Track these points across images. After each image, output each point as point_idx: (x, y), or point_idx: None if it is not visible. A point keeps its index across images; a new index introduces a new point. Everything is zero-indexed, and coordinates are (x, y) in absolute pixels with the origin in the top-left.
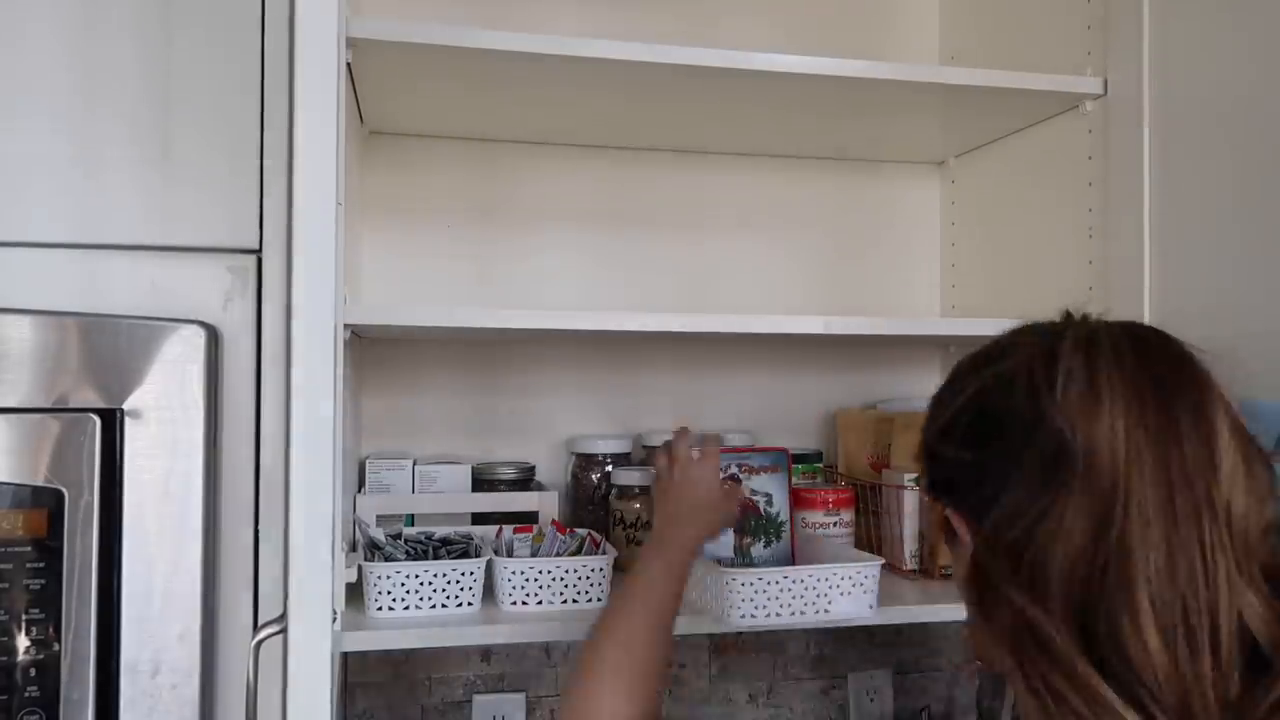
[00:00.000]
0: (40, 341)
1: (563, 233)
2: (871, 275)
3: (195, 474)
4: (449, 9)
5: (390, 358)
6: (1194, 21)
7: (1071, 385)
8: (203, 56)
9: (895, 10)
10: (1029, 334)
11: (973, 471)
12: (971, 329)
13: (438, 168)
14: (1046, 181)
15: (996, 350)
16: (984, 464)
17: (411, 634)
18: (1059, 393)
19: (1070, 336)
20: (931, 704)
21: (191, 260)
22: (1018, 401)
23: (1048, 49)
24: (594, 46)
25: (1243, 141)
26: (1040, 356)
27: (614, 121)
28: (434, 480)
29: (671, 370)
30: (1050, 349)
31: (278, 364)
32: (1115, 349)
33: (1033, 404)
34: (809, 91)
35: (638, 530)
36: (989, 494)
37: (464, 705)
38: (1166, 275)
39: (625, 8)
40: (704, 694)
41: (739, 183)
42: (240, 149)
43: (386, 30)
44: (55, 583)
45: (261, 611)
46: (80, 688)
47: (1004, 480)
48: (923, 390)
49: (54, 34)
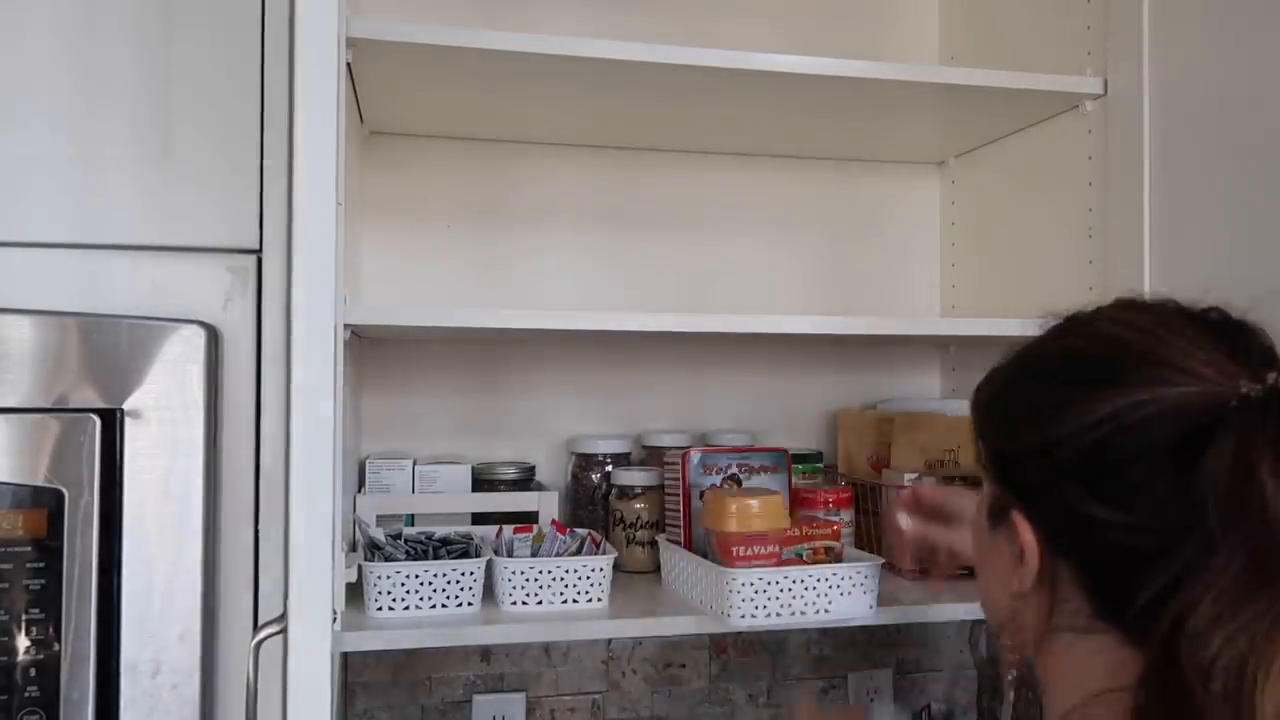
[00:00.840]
0: (40, 341)
1: (563, 233)
2: (871, 275)
3: (195, 474)
4: (449, 9)
5: (390, 358)
6: (1194, 21)
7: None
8: (203, 56)
9: (895, 10)
10: (1188, 347)
11: (1105, 531)
12: (971, 329)
13: (438, 168)
14: (1046, 181)
15: (1125, 363)
16: (1138, 528)
17: (411, 634)
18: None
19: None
20: (932, 704)
21: (191, 260)
22: (1218, 469)
23: (1048, 49)
24: (594, 46)
25: (1242, 141)
26: (1249, 410)
27: (614, 121)
28: (434, 480)
29: (671, 370)
30: (1261, 402)
31: (278, 364)
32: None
33: (1245, 479)
34: (809, 91)
35: (638, 530)
36: (1130, 563)
37: (464, 705)
38: (1166, 275)
39: (625, 8)
40: (704, 694)
41: (739, 183)
42: (240, 149)
43: (386, 30)
44: (55, 583)
45: (261, 611)
46: (80, 688)
47: (1176, 563)
48: (923, 390)
49: (54, 34)
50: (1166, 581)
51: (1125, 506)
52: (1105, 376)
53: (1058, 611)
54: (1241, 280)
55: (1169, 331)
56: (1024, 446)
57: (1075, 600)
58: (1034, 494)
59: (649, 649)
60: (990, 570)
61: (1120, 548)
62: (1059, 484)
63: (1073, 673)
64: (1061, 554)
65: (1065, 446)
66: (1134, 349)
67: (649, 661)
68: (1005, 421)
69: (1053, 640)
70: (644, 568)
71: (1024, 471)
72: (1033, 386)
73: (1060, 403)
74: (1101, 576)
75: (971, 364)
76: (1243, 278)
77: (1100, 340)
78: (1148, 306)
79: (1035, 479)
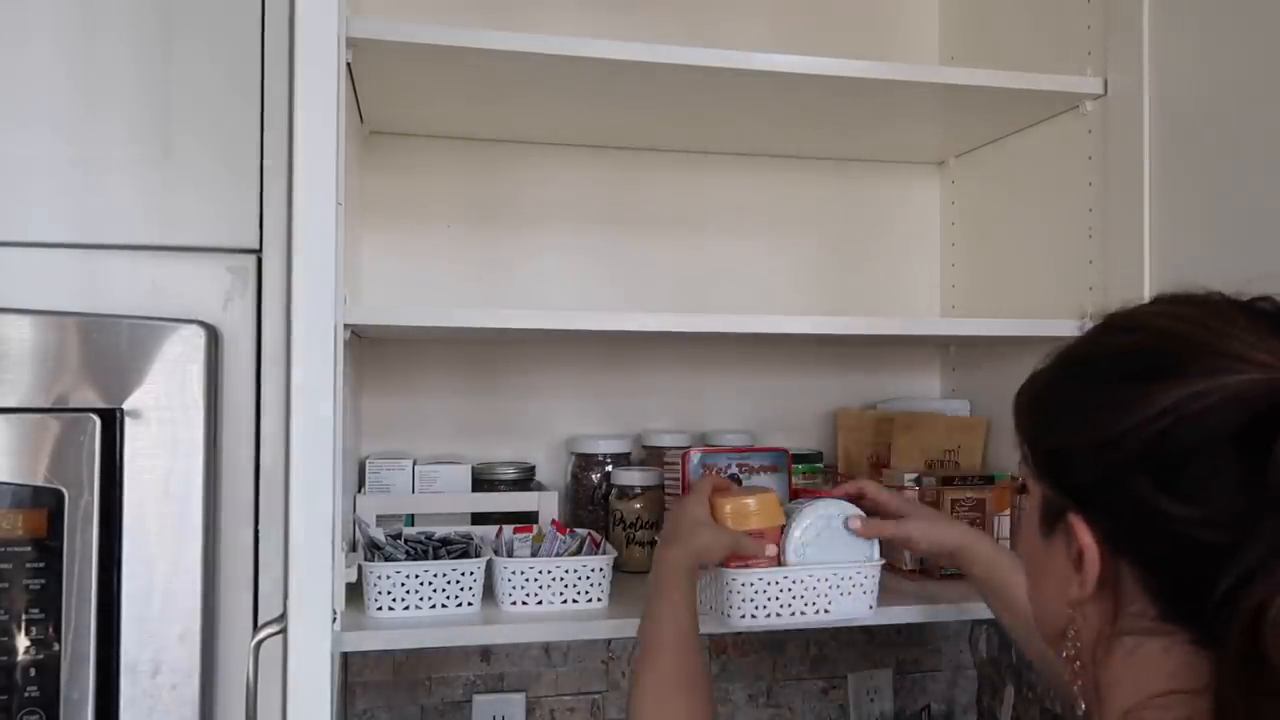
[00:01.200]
0: (40, 341)
1: (563, 233)
2: (871, 275)
3: (195, 474)
4: (449, 9)
5: (390, 358)
6: (1194, 21)
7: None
8: (203, 56)
9: (895, 10)
10: (1244, 336)
11: (1174, 525)
12: (971, 329)
13: (438, 168)
14: (1046, 181)
15: (1183, 354)
16: (1209, 521)
17: (411, 634)
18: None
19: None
20: (932, 704)
21: (191, 260)
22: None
23: (1048, 49)
24: (594, 46)
25: (1242, 141)
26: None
27: (614, 121)
28: (434, 480)
29: (671, 370)
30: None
31: (278, 364)
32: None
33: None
34: (809, 91)
35: (638, 530)
36: (1201, 558)
37: (464, 705)
38: (1166, 275)
39: (625, 8)
40: None
41: (739, 183)
42: (240, 149)
43: (386, 30)
44: (55, 583)
45: (261, 611)
46: (80, 688)
47: (1250, 554)
48: (923, 390)
49: (55, 34)
50: (1241, 574)
51: (1193, 500)
52: (1164, 369)
53: (1120, 616)
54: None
55: (1222, 321)
56: (1081, 444)
57: (1139, 603)
58: (1094, 493)
59: None
60: (1045, 579)
61: (1190, 542)
62: (1122, 480)
63: (1135, 677)
64: (1124, 555)
65: (1128, 441)
66: (1190, 340)
67: None
68: (1057, 421)
69: (1114, 646)
70: (644, 568)
71: (1081, 471)
72: (1085, 385)
73: (1119, 398)
74: (1169, 575)
75: (971, 364)
76: (1243, 278)
77: (1153, 334)
78: (1195, 299)
79: (1095, 477)
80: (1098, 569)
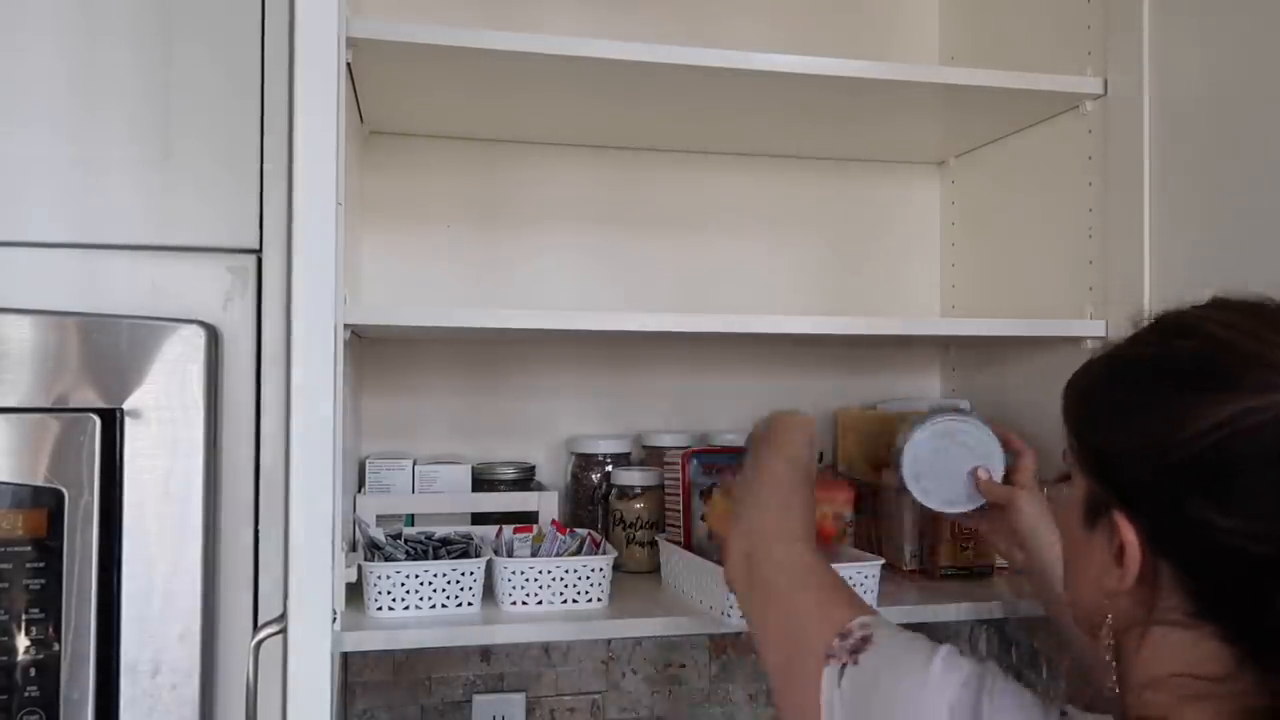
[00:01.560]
0: (40, 341)
1: (563, 233)
2: (871, 275)
3: (195, 474)
4: (449, 9)
5: (390, 358)
6: (1194, 21)
7: None
8: (203, 57)
9: (895, 10)
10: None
11: (1219, 535)
12: (971, 329)
13: (438, 168)
14: (1046, 181)
15: (1235, 367)
16: (1256, 535)
17: (411, 634)
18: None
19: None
20: None
21: (191, 260)
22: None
23: (1048, 49)
24: (594, 46)
25: (1242, 141)
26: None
27: (614, 121)
28: (434, 480)
29: (671, 370)
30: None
31: (278, 364)
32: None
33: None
34: (809, 91)
35: (638, 530)
36: (1244, 568)
37: (464, 705)
38: (1166, 275)
39: (625, 8)
40: (704, 694)
41: (739, 183)
42: (240, 149)
43: (386, 30)
44: (55, 583)
45: (261, 611)
46: (80, 688)
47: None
48: (923, 390)
49: (55, 35)
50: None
51: (1241, 513)
52: (1217, 380)
53: (1154, 609)
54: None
55: (1275, 331)
56: (1130, 447)
57: (1175, 598)
58: (1140, 494)
59: (649, 649)
60: (1083, 568)
61: (1232, 551)
62: (1170, 487)
63: (1159, 660)
64: (1164, 555)
65: (1179, 451)
66: (1242, 351)
67: (649, 661)
68: (1108, 420)
69: (1145, 634)
70: (644, 568)
71: (1129, 471)
72: (1138, 387)
73: (1170, 406)
74: (1210, 579)
75: (971, 364)
76: (1243, 278)
77: (1206, 341)
78: (1249, 306)
79: (1142, 480)
80: (1138, 565)
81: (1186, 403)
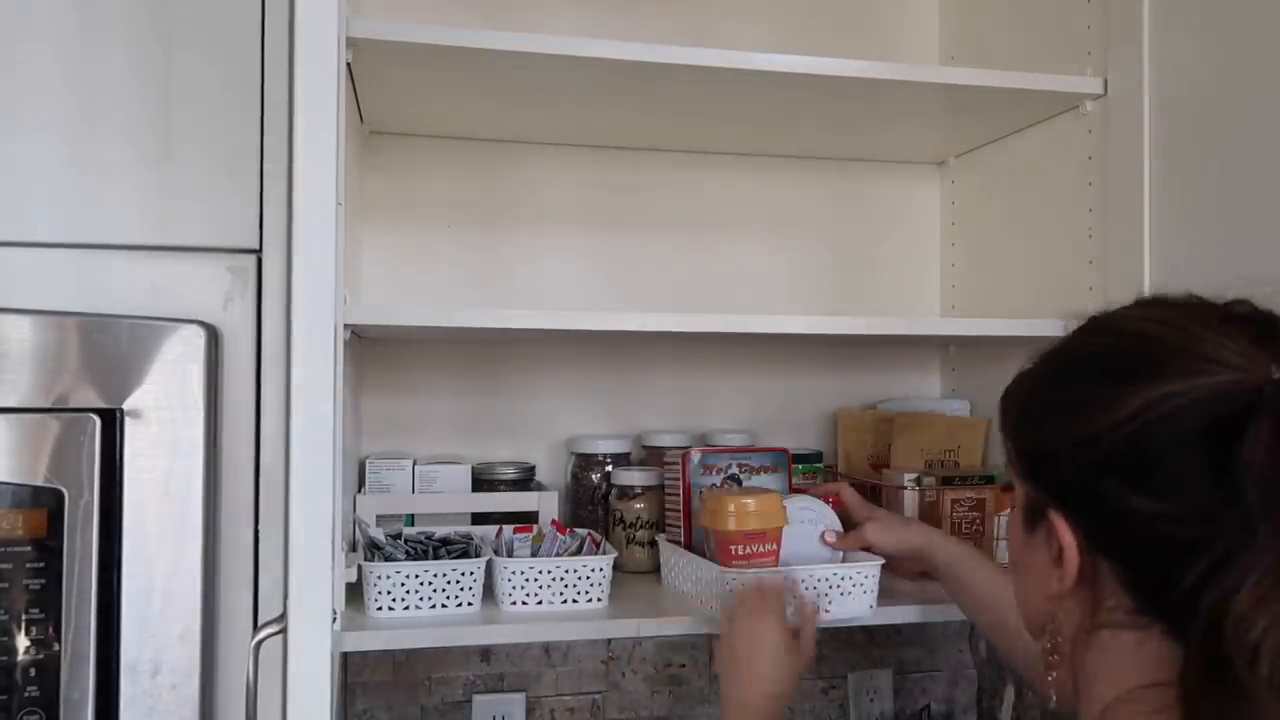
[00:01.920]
0: (40, 341)
1: (563, 233)
2: (871, 275)
3: (195, 474)
4: (449, 9)
5: (390, 358)
6: (1194, 21)
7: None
8: (203, 57)
9: (895, 10)
10: (1219, 339)
11: (1145, 523)
12: (972, 329)
13: (438, 168)
14: (1046, 181)
15: (1158, 357)
16: (1177, 518)
17: (411, 634)
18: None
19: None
20: (932, 704)
21: (191, 260)
22: (1253, 455)
23: (1048, 49)
24: (594, 46)
25: (1242, 141)
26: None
27: (614, 122)
28: (434, 480)
29: (671, 370)
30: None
31: (278, 364)
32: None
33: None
34: (809, 91)
35: (638, 530)
36: (1171, 554)
37: (464, 705)
38: (1166, 275)
39: (625, 8)
40: (704, 694)
41: (739, 183)
42: (240, 149)
43: (386, 30)
44: (55, 583)
45: (261, 611)
46: (80, 688)
47: (1216, 550)
48: (923, 390)
49: (55, 36)
50: (1206, 569)
51: (1164, 497)
52: (1139, 371)
53: (1098, 610)
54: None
55: (1199, 325)
56: (1059, 445)
57: (1116, 597)
58: (1071, 492)
59: (649, 649)
60: (1027, 573)
61: (1160, 538)
62: (1097, 479)
63: (1113, 668)
64: (1101, 551)
65: (1101, 441)
66: (1166, 343)
67: (649, 661)
68: (1038, 421)
69: (1092, 639)
70: (644, 568)
71: (1060, 470)
72: (1065, 385)
73: (1094, 399)
74: (1142, 570)
75: (971, 364)
76: (1242, 277)
77: (1131, 336)
78: (1174, 302)
79: (1072, 476)
80: (1076, 565)
81: (1109, 394)
